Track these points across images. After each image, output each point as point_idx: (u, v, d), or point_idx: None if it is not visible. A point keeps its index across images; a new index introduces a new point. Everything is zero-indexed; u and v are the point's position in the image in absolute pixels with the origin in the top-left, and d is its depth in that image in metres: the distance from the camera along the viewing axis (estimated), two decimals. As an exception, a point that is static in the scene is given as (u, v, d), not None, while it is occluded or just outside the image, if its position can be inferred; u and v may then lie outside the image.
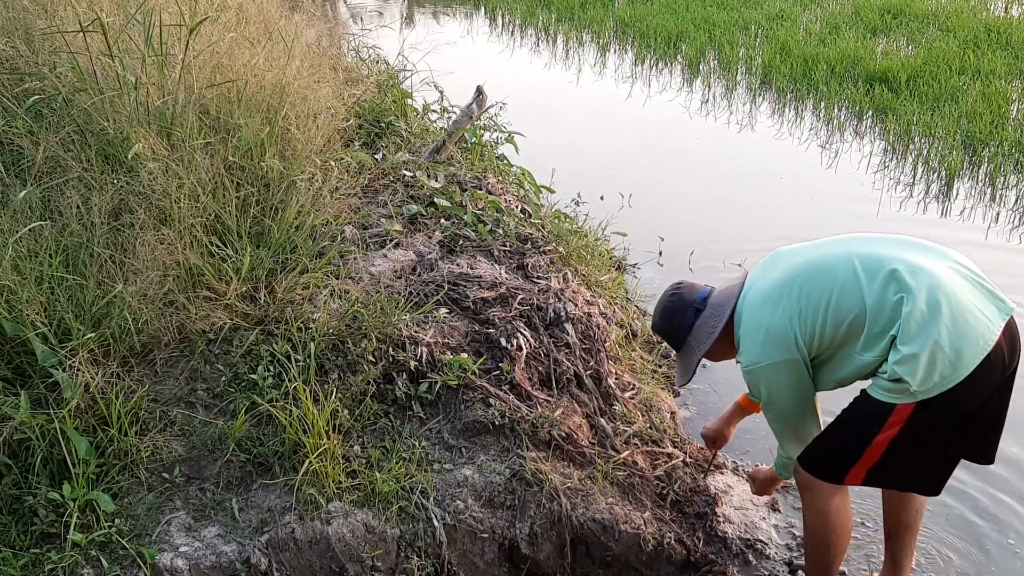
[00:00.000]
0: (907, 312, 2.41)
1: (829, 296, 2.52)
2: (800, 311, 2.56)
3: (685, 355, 2.89)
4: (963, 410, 2.49)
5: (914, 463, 2.58)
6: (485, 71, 6.84)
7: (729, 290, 2.83)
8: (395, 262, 3.66)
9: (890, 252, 2.53)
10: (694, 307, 2.85)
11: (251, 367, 3.02)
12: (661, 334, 3.01)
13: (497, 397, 3.15)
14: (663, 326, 2.94)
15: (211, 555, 2.57)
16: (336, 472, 2.79)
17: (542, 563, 2.93)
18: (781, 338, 2.58)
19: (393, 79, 5.82)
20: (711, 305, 2.84)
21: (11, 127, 3.46)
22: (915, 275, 2.45)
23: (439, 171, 4.59)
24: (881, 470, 2.58)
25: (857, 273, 2.51)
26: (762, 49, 9.46)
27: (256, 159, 3.57)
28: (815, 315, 2.54)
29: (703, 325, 2.82)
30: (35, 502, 2.54)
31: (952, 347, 2.40)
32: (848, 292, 2.50)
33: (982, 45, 8.97)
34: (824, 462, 2.66)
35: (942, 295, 2.42)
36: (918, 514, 2.92)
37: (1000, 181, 6.36)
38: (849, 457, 2.59)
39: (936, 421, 2.49)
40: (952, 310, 2.41)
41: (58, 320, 2.87)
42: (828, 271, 2.56)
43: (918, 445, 2.53)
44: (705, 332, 2.80)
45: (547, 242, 4.17)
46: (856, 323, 2.50)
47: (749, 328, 2.67)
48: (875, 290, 2.47)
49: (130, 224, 3.17)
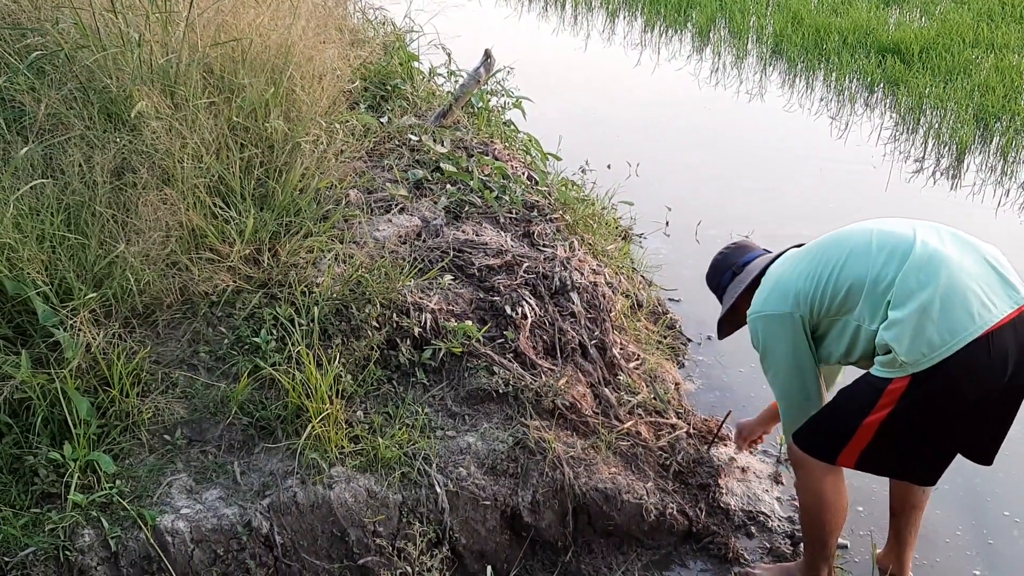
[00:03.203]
0: (901, 277, 2.44)
1: (838, 260, 2.60)
2: (811, 271, 2.64)
3: (729, 296, 3.06)
4: (958, 397, 2.48)
5: (906, 448, 2.58)
6: (492, 35, 6.75)
7: (764, 257, 2.99)
8: (400, 227, 3.63)
9: (910, 231, 2.54)
10: (731, 269, 3.04)
11: (254, 330, 3.00)
12: (709, 287, 3.20)
13: (501, 365, 3.13)
14: (708, 281, 3.17)
15: (212, 518, 2.56)
16: (339, 437, 2.77)
17: (544, 531, 2.93)
18: (786, 292, 2.68)
19: (400, 41, 5.74)
20: (746, 270, 2.99)
21: (13, 83, 3.41)
22: (924, 246, 2.47)
23: (445, 136, 4.53)
24: (873, 453, 2.58)
25: (870, 243, 2.56)
26: (773, 18, 9.34)
27: (260, 120, 3.53)
28: (821, 277, 2.61)
29: (734, 285, 3.00)
30: (36, 462, 2.53)
31: (942, 318, 2.39)
32: (856, 258, 2.56)
33: (996, 18, 8.85)
34: (817, 440, 2.66)
35: (943, 268, 2.42)
36: (925, 494, 2.91)
37: (1012, 155, 6.30)
38: (841, 436, 2.59)
39: (928, 403, 2.48)
40: (949, 282, 2.41)
41: (59, 279, 2.84)
42: (846, 239, 2.66)
43: (910, 428, 2.53)
44: (730, 291, 3.00)
45: (553, 210, 4.12)
46: (855, 288, 2.54)
47: (764, 282, 2.81)
48: (881, 259, 2.51)
49: (132, 184, 3.13)
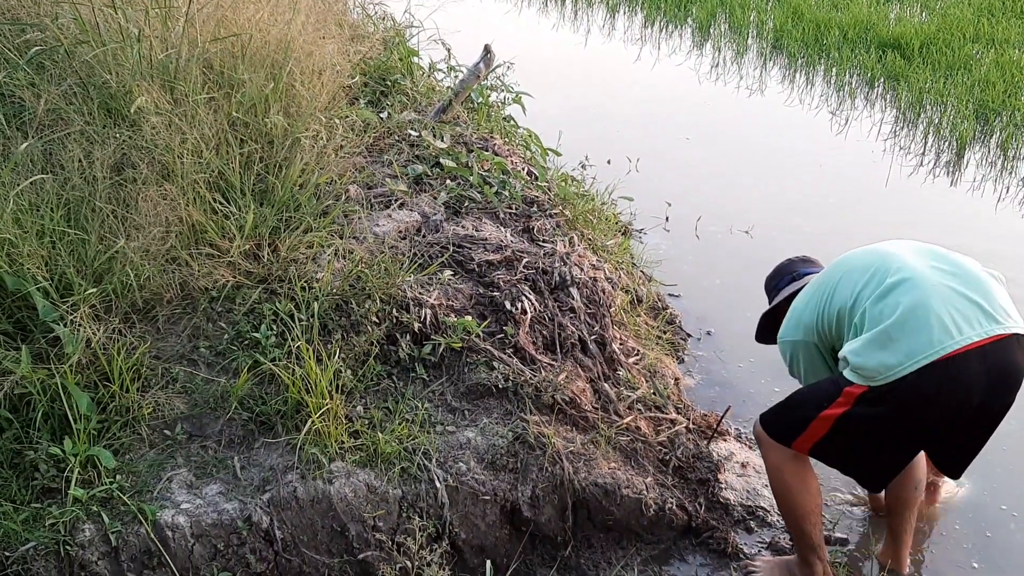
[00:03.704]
0: (872, 300, 2.57)
1: (831, 288, 2.74)
2: (815, 302, 2.80)
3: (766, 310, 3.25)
4: (910, 414, 2.55)
5: (856, 451, 2.68)
6: (492, 30, 6.73)
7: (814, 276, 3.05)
8: (399, 223, 3.63)
9: (897, 254, 2.66)
10: (791, 275, 3.19)
11: (254, 325, 3.00)
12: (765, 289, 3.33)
13: (501, 360, 3.13)
14: (766, 283, 3.31)
15: (212, 512, 2.57)
16: (339, 432, 2.78)
17: (543, 526, 2.93)
18: (798, 322, 2.88)
19: (399, 36, 5.73)
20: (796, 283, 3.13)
21: (12, 79, 3.40)
22: (900, 271, 2.58)
23: (445, 131, 4.53)
24: (825, 446, 2.67)
25: (862, 267, 2.68)
26: (774, 13, 9.32)
27: (260, 115, 3.53)
28: (820, 307, 2.77)
29: (781, 294, 3.16)
30: (36, 457, 2.54)
31: (901, 340, 2.48)
32: (844, 284, 2.70)
33: (997, 13, 8.83)
34: (776, 422, 2.78)
35: (912, 292, 2.52)
36: (916, 491, 2.94)
37: (1012, 151, 6.30)
38: (797, 424, 2.70)
39: (882, 415, 2.55)
40: (914, 306, 2.49)
41: (59, 275, 2.85)
42: (844, 263, 2.78)
43: (861, 433, 2.62)
44: (778, 296, 3.18)
45: (553, 205, 4.12)
46: (842, 313, 2.68)
47: (792, 306, 2.95)
48: (862, 282, 2.64)
49: (132, 179, 3.13)
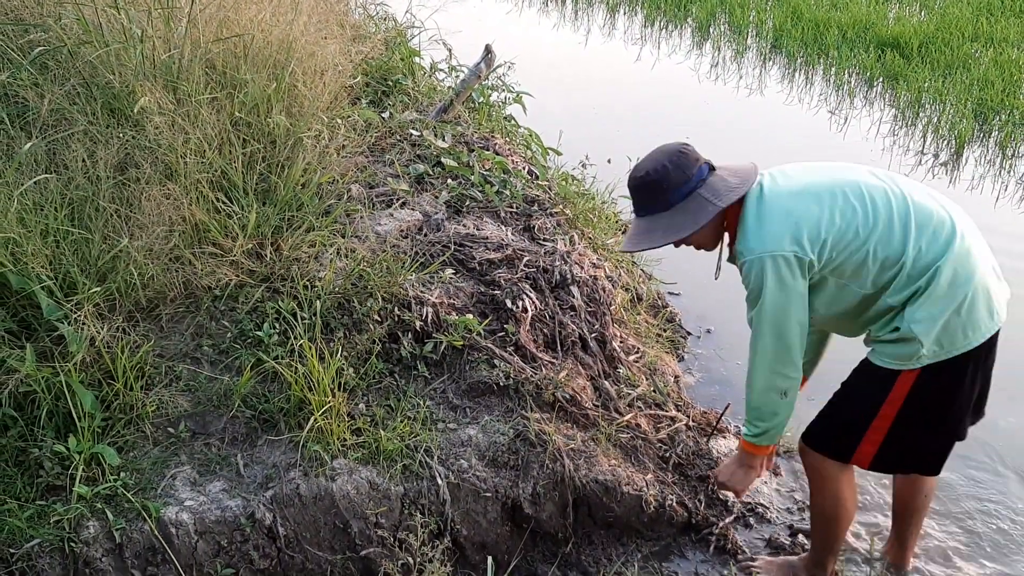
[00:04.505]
0: (942, 268, 2.40)
1: (868, 225, 2.42)
2: (832, 222, 2.42)
3: (687, 211, 2.52)
4: (962, 388, 2.52)
5: (918, 436, 2.57)
6: (493, 30, 6.75)
7: (744, 170, 2.59)
8: (401, 222, 3.65)
9: (946, 216, 2.47)
10: (708, 163, 2.57)
11: (257, 324, 3.02)
12: (654, 184, 2.54)
13: (502, 358, 3.15)
14: (664, 174, 2.51)
15: (216, 509, 2.59)
16: (341, 430, 2.80)
17: (544, 523, 2.95)
18: (798, 233, 2.42)
19: (401, 37, 5.75)
20: (726, 169, 2.58)
21: (16, 79, 3.42)
22: (963, 239, 2.44)
23: (446, 131, 4.55)
24: (888, 445, 2.56)
25: (907, 218, 2.43)
26: (773, 12, 9.34)
27: (262, 115, 3.54)
28: (846, 235, 2.42)
29: (722, 181, 2.53)
30: (41, 454, 2.55)
31: (969, 315, 2.43)
32: (891, 231, 2.42)
33: (995, 12, 8.85)
34: (831, 436, 2.64)
35: (979, 266, 2.45)
36: (927, 499, 2.95)
37: (1010, 149, 6.31)
38: (856, 429, 2.57)
39: (938, 394, 2.50)
40: (981, 281, 2.44)
41: (63, 274, 2.86)
42: (871, 200, 2.46)
43: (923, 415, 2.53)
44: (726, 188, 2.51)
45: (554, 204, 4.14)
46: (889, 262, 2.42)
47: (773, 212, 2.46)
48: (923, 242, 2.42)
49: (136, 179, 3.15)
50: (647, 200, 2.58)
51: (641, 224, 2.62)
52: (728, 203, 2.49)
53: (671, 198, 2.54)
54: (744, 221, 2.51)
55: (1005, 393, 3.04)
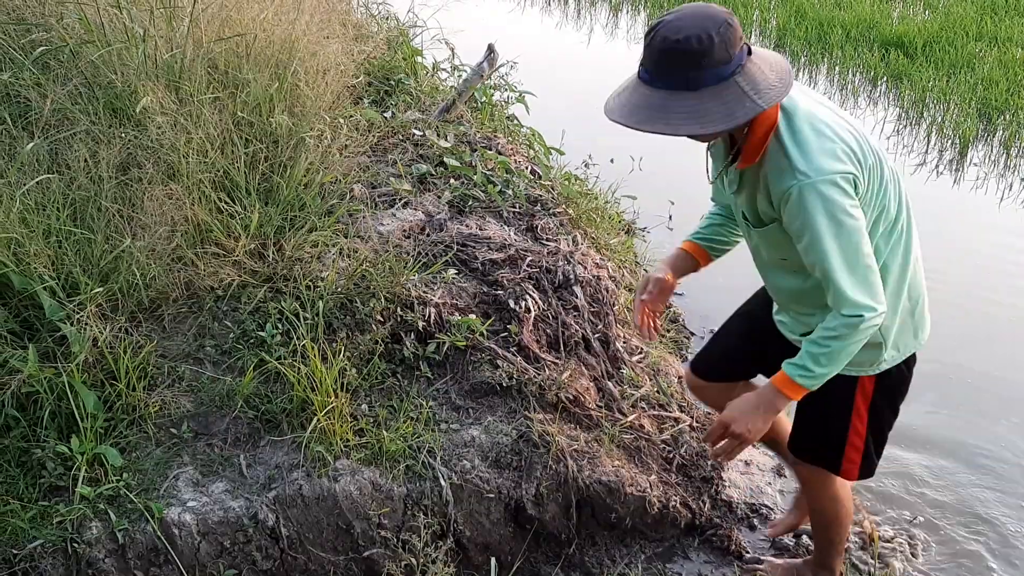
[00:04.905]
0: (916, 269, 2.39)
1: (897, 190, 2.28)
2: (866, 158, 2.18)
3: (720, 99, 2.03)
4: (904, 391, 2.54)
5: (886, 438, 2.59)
6: (496, 30, 6.74)
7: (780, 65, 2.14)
8: (404, 222, 3.64)
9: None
10: (748, 45, 2.09)
11: (259, 324, 3.01)
12: (694, 55, 2.00)
13: (505, 359, 3.14)
14: (709, 46, 1.99)
15: (219, 510, 2.58)
16: (344, 430, 2.79)
17: (548, 524, 2.94)
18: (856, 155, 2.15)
19: (403, 36, 5.74)
20: (762, 59, 2.11)
21: (18, 79, 3.42)
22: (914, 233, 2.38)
23: (449, 130, 4.54)
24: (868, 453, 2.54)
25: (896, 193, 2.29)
26: (777, 12, 9.33)
27: (265, 115, 3.54)
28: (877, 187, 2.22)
29: (761, 73, 2.07)
30: (43, 455, 2.55)
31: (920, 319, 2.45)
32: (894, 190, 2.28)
33: (1000, 11, 8.83)
34: (817, 451, 2.58)
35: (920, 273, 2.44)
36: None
37: (1015, 149, 6.30)
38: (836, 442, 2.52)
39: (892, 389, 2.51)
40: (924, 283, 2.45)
41: (66, 274, 2.86)
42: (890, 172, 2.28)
43: (888, 418, 2.55)
44: (766, 84, 2.05)
45: (557, 204, 4.13)
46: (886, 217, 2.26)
47: (826, 127, 2.14)
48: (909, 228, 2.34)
49: (138, 179, 3.14)
50: (675, 70, 2.03)
51: (653, 97, 2.06)
52: (770, 104, 2.04)
53: (705, 77, 2.02)
54: (788, 136, 2.14)
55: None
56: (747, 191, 2.30)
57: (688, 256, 2.66)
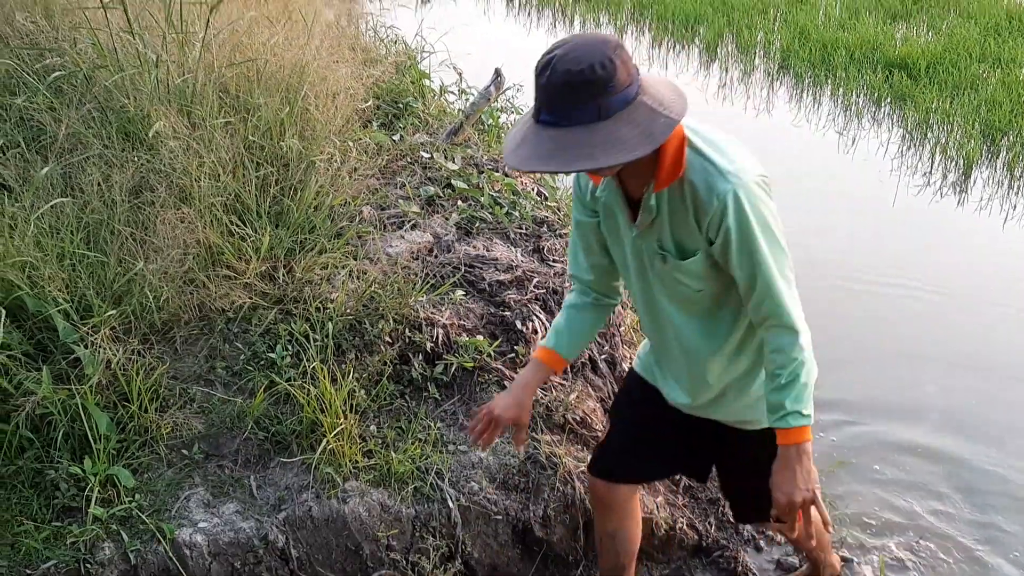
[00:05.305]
0: None
1: None
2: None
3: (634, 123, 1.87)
4: None
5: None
6: (502, 52, 6.81)
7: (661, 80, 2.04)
8: (412, 243, 3.68)
9: None
10: (637, 69, 1.94)
11: (269, 346, 3.04)
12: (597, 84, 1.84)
13: (512, 380, 3.16)
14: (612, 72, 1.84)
15: (229, 531, 2.60)
16: (353, 451, 2.81)
17: (555, 545, 2.95)
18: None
19: (411, 60, 5.81)
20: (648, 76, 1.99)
21: (32, 103, 3.48)
22: None
23: (456, 153, 4.59)
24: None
25: None
26: (781, 33, 9.40)
27: (275, 139, 3.59)
28: None
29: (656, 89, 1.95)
30: (57, 476, 2.57)
31: None
32: None
33: (1003, 33, 8.88)
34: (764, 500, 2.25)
35: None
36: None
37: (1019, 170, 6.32)
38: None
39: None
40: None
41: (79, 297, 2.90)
42: None
43: None
44: (668, 97, 1.95)
45: (563, 225, 4.17)
46: None
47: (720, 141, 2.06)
48: None
49: (150, 202, 3.19)
50: (578, 103, 1.84)
51: (564, 137, 1.86)
52: (682, 116, 1.91)
53: (613, 103, 1.86)
54: (702, 143, 2.05)
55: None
56: (666, 219, 2.09)
57: (546, 369, 2.44)
